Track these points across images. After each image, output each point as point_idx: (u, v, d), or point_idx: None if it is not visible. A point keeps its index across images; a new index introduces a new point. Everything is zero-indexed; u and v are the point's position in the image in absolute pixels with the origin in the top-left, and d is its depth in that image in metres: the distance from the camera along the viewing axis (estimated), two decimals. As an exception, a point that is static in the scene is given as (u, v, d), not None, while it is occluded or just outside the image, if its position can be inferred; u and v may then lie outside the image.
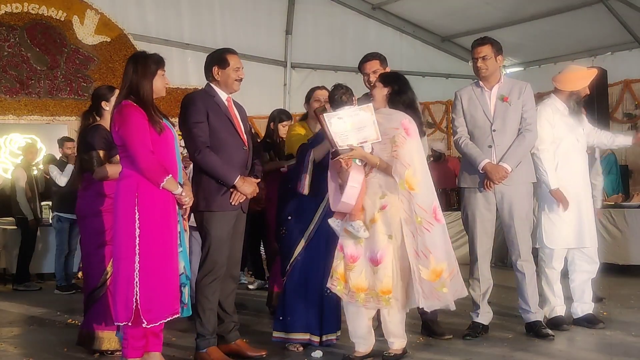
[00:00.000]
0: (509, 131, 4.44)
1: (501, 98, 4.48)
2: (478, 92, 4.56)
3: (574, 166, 4.65)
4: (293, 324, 4.21)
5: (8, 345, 4.67)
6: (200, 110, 3.98)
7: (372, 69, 4.66)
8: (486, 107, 4.50)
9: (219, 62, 4.09)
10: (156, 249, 3.48)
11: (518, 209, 4.44)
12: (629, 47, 10.50)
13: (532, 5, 10.48)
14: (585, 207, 4.67)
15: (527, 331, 4.51)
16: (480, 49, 4.52)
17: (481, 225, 4.49)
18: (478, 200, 4.49)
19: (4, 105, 10.15)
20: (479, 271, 4.50)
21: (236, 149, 4.04)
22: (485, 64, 4.48)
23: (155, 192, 3.51)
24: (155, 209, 3.51)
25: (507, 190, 4.43)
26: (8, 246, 8.51)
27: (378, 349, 3.97)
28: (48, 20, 10.38)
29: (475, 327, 4.46)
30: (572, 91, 4.69)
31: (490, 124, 4.46)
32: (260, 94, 10.39)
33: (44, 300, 6.89)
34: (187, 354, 4.16)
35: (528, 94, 4.51)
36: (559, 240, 4.64)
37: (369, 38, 11.90)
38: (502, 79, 4.55)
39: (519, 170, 4.43)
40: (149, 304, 3.43)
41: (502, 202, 4.46)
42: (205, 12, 11.45)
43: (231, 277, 4.12)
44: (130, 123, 3.51)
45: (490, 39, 4.59)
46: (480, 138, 4.49)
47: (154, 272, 3.46)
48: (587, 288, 4.74)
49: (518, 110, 4.47)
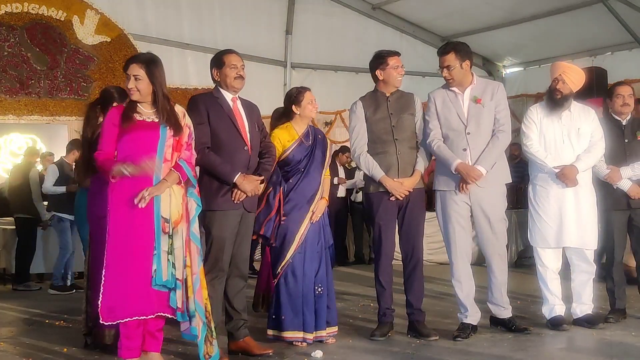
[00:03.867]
0: (483, 133, 4.46)
1: (474, 100, 4.49)
2: (451, 95, 4.56)
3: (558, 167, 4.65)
4: (286, 323, 4.28)
5: (8, 345, 4.67)
6: (201, 111, 4.03)
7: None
8: (460, 110, 4.51)
9: (216, 63, 4.15)
10: (120, 249, 3.50)
11: (492, 210, 4.47)
12: (629, 47, 10.51)
13: (532, 5, 10.48)
14: (575, 207, 4.64)
15: (492, 325, 4.60)
16: (443, 59, 4.52)
17: (458, 227, 4.49)
18: (453, 203, 4.50)
19: (4, 105, 10.16)
20: (460, 272, 4.51)
21: (237, 149, 4.06)
22: (450, 74, 4.49)
23: (124, 193, 3.53)
24: (121, 210, 3.54)
25: (481, 191, 4.44)
26: (8, 246, 8.51)
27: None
28: (48, 20, 10.39)
29: (465, 327, 4.47)
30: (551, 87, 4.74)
31: (465, 127, 4.48)
32: (260, 94, 10.34)
33: (44, 300, 6.89)
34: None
35: (501, 94, 4.54)
36: (540, 239, 4.70)
37: (369, 38, 11.90)
38: (474, 80, 4.56)
39: (493, 171, 4.45)
40: (109, 303, 3.46)
41: (476, 203, 4.47)
42: (205, 12, 11.45)
43: (239, 275, 4.15)
44: (104, 127, 3.71)
45: (453, 45, 4.56)
46: (454, 141, 4.50)
47: (117, 272, 3.49)
48: (587, 288, 4.72)
49: (491, 111, 4.49)
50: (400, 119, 4.50)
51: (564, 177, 4.60)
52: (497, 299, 4.55)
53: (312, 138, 4.48)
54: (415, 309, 4.48)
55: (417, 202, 4.53)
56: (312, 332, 4.31)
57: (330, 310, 4.42)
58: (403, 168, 4.45)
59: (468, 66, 4.52)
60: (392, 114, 4.50)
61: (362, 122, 4.53)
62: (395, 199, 4.43)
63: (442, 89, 4.64)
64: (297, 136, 4.44)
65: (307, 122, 4.51)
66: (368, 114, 4.52)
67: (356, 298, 6.33)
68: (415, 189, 4.47)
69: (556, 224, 4.64)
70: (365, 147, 4.51)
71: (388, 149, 4.47)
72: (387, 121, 4.49)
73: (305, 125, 4.50)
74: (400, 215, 4.51)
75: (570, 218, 4.63)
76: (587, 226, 4.67)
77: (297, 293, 4.29)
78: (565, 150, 4.67)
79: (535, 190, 4.76)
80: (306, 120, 4.50)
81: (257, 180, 4.07)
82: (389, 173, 4.43)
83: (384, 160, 4.46)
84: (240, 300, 4.17)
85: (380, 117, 4.50)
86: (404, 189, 4.41)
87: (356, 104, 4.59)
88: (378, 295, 4.54)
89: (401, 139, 4.48)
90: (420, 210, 4.58)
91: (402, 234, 4.53)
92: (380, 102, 4.54)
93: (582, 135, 4.71)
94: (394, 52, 4.59)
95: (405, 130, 4.51)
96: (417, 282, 4.51)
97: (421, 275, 4.54)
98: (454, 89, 4.56)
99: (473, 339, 4.39)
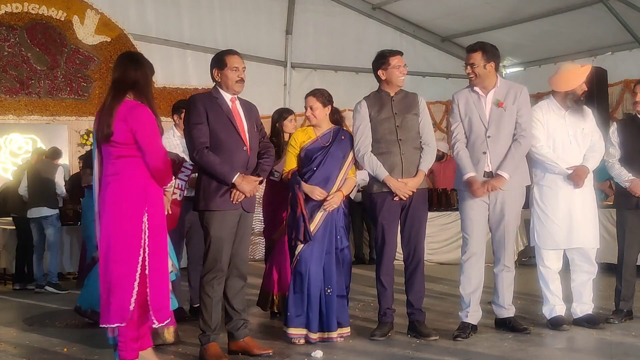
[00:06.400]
0: (502, 137, 4.46)
1: (497, 103, 4.49)
2: (474, 97, 4.56)
3: (566, 166, 4.64)
4: (290, 319, 4.33)
5: (8, 345, 4.67)
6: (200, 111, 4.03)
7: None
8: (482, 113, 4.51)
9: (218, 64, 4.14)
10: (114, 251, 3.50)
11: (509, 211, 4.49)
12: (629, 47, 10.49)
13: (532, 5, 10.48)
14: (581, 208, 4.65)
15: (497, 326, 4.59)
16: (470, 56, 4.53)
17: (476, 225, 4.52)
18: (472, 201, 4.52)
19: (4, 105, 10.16)
20: (470, 270, 4.52)
21: (236, 149, 4.06)
22: (474, 71, 4.50)
23: (124, 195, 3.52)
24: (121, 211, 3.53)
25: (501, 193, 4.46)
26: (8, 246, 8.51)
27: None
28: (48, 20, 10.39)
29: (465, 327, 4.47)
30: (567, 91, 4.69)
31: (485, 130, 4.48)
32: (260, 94, 10.37)
33: (44, 300, 6.89)
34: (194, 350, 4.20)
35: (523, 99, 4.53)
36: (549, 240, 4.67)
37: (369, 38, 11.90)
38: (498, 82, 4.55)
39: (514, 174, 4.46)
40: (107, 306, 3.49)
41: (494, 203, 4.49)
42: (205, 12, 11.45)
43: (239, 275, 4.15)
44: (148, 125, 3.57)
45: (481, 45, 4.56)
46: (475, 144, 4.51)
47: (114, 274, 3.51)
48: (587, 288, 4.73)
49: (513, 115, 4.48)
50: (404, 119, 4.49)
51: (578, 177, 4.59)
52: (500, 299, 4.55)
53: (331, 139, 4.49)
54: (416, 309, 4.49)
55: (419, 203, 4.52)
56: (315, 332, 4.31)
57: (342, 312, 4.41)
58: (407, 168, 4.45)
59: (493, 68, 4.51)
60: (396, 113, 4.50)
61: (367, 121, 4.52)
62: (398, 199, 4.43)
63: (466, 89, 4.63)
64: (314, 136, 4.49)
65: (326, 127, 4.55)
66: (372, 114, 4.52)
67: (356, 298, 6.32)
68: (418, 189, 4.47)
69: (566, 225, 4.62)
70: (369, 146, 4.50)
71: (392, 149, 4.47)
72: (391, 121, 4.49)
73: (326, 127, 4.52)
74: (403, 215, 4.51)
75: (579, 218, 4.63)
76: (590, 225, 4.69)
77: (304, 291, 4.31)
78: (573, 150, 4.67)
79: (542, 191, 4.70)
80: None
81: (255, 180, 4.07)
82: (392, 173, 4.43)
83: (388, 160, 4.45)
84: (240, 300, 4.17)
85: (385, 117, 4.50)
86: (407, 189, 4.40)
87: (360, 103, 4.59)
88: (379, 295, 4.54)
89: (405, 139, 4.48)
90: (423, 210, 4.58)
91: (404, 234, 4.53)
92: (384, 102, 4.54)
93: (586, 134, 4.73)
94: (397, 52, 4.58)
95: (410, 131, 4.50)
96: (418, 282, 4.51)
97: (422, 275, 4.54)
98: (477, 90, 4.55)
99: (473, 339, 4.39)
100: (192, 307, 5.45)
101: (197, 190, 4.07)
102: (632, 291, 4.88)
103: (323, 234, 4.36)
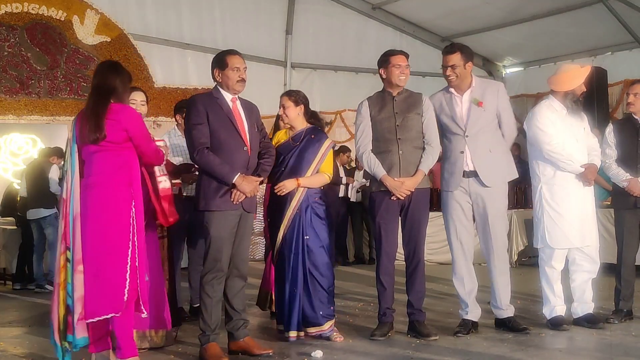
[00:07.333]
0: (482, 136, 4.49)
1: (476, 103, 4.51)
2: (448, 98, 4.59)
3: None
4: (278, 316, 4.57)
5: (8, 345, 4.67)
6: (200, 112, 4.03)
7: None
8: (458, 113, 4.54)
9: (219, 63, 4.14)
10: (107, 245, 3.56)
11: (493, 208, 4.50)
12: (629, 47, 10.51)
13: (532, 5, 10.48)
14: (588, 206, 4.68)
15: (497, 327, 4.60)
16: (449, 58, 4.55)
17: (460, 225, 4.56)
18: (454, 202, 4.55)
19: (4, 105, 10.16)
20: (462, 270, 4.56)
21: (236, 149, 4.06)
22: (455, 72, 4.52)
23: (115, 192, 3.59)
24: (110, 207, 3.59)
25: (484, 190, 4.47)
26: (8, 246, 8.51)
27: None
28: (48, 20, 10.39)
29: (466, 324, 4.50)
30: (567, 91, 4.70)
31: (463, 131, 4.51)
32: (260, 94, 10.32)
33: (44, 300, 6.88)
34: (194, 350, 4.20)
35: (502, 95, 4.60)
36: (562, 240, 4.64)
37: (369, 38, 11.91)
38: (473, 82, 4.58)
39: (498, 169, 4.49)
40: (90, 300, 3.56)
41: (477, 201, 4.52)
42: (205, 12, 11.45)
43: (239, 275, 4.16)
44: (140, 124, 3.74)
45: (459, 46, 4.60)
46: (453, 143, 4.55)
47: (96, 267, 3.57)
48: (587, 288, 4.73)
49: (493, 113, 4.53)
50: (405, 119, 4.49)
51: (591, 175, 4.61)
52: (497, 300, 4.56)
53: (302, 138, 4.52)
54: (416, 309, 4.49)
55: (420, 202, 4.52)
56: (289, 330, 4.41)
57: (317, 307, 4.41)
58: (405, 167, 4.45)
59: (470, 68, 4.56)
60: (397, 113, 4.50)
61: (367, 120, 4.53)
62: (396, 198, 4.43)
63: (440, 92, 4.67)
64: (286, 137, 4.57)
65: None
66: (373, 113, 4.53)
67: (356, 298, 6.33)
68: (418, 188, 4.46)
69: (578, 224, 4.62)
70: (369, 145, 4.51)
71: (391, 147, 4.47)
72: (391, 120, 4.49)
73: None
74: (403, 215, 4.51)
75: (588, 216, 4.67)
76: (594, 223, 4.73)
77: (282, 290, 4.47)
78: (578, 149, 4.68)
79: (552, 190, 4.65)
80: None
81: (256, 180, 4.07)
82: (390, 172, 4.43)
83: (387, 159, 4.46)
84: (240, 300, 4.18)
85: (385, 116, 4.50)
86: (404, 189, 4.40)
87: (362, 103, 4.61)
88: (379, 295, 4.54)
89: (405, 138, 4.48)
90: (424, 211, 4.57)
91: (405, 234, 4.53)
92: (386, 101, 4.55)
93: (588, 134, 4.77)
94: (399, 52, 4.59)
95: (410, 130, 4.50)
96: (419, 282, 4.51)
97: (423, 275, 4.54)
98: (452, 91, 4.58)
99: (473, 339, 4.39)
100: (192, 307, 5.45)
101: (197, 190, 4.09)
102: (631, 291, 4.89)
103: (291, 237, 4.43)
